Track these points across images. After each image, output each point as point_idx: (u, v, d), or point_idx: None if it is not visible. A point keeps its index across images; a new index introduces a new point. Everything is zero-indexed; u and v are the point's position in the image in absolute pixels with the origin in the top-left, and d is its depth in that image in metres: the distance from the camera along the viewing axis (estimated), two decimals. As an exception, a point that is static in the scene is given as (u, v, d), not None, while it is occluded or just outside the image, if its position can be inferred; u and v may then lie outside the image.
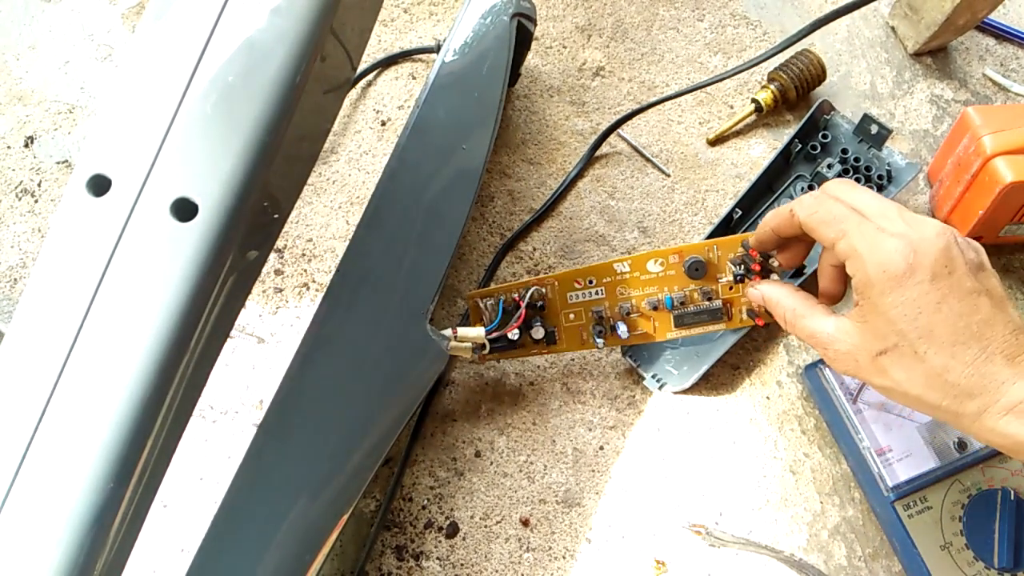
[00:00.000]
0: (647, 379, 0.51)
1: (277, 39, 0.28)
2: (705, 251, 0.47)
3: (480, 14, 0.48)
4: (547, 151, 0.58)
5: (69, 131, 0.58)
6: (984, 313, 0.36)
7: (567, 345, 0.49)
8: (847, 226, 0.39)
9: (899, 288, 0.37)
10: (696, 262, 0.47)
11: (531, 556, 0.48)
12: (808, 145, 0.54)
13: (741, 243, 0.46)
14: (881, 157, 0.52)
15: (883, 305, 0.37)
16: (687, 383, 0.50)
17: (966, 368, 0.36)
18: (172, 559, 0.47)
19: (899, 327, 0.37)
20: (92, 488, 0.26)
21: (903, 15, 0.60)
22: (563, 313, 0.48)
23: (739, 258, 0.47)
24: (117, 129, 0.28)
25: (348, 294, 0.43)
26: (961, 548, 0.45)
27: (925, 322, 0.36)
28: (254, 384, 0.51)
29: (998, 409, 0.35)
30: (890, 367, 0.37)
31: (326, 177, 0.57)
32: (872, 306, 0.38)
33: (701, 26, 0.62)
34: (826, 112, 0.54)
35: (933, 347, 0.36)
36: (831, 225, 0.40)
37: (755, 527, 0.48)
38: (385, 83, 0.60)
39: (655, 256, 0.48)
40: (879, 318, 0.37)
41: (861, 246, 0.38)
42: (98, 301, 0.27)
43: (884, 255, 0.37)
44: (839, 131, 0.54)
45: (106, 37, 0.61)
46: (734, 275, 0.47)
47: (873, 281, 0.37)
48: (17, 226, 0.55)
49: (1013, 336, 0.36)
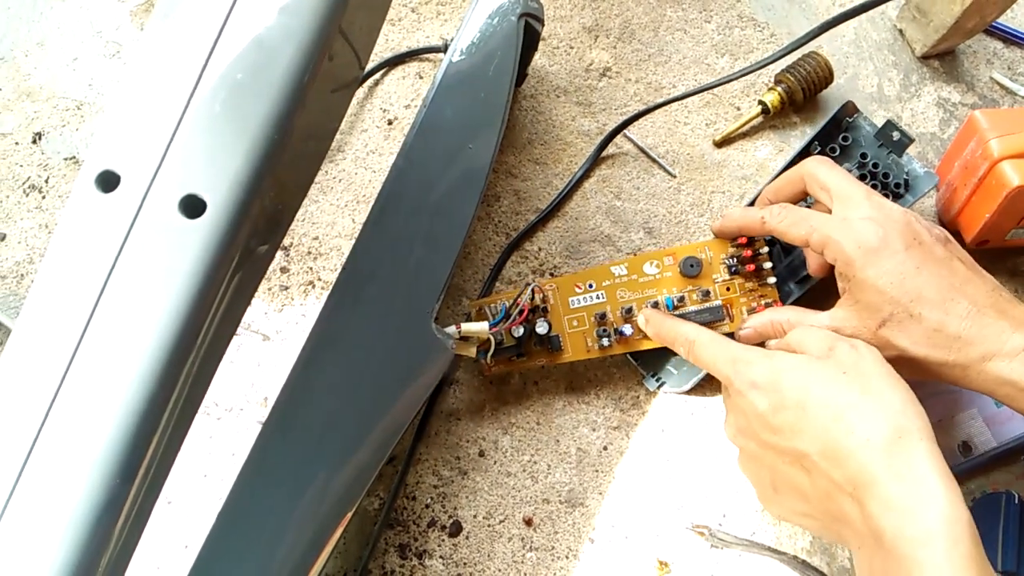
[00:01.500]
0: (647, 378, 0.51)
1: (286, 38, 0.28)
2: (697, 252, 0.49)
3: (488, 14, 0.48)
4: (553, 151, 0.58)
5: (77, 128, 0.58)
6: (961, 275, 0.39)
7: (572, 353, 0.49)
8: (814, 222, 0.42)
9: (878, 259, 0.39)
10: (690, 259, 0.48)
11: (534, 556, 0.48)
12: (828, 147, 0.53)
13: (731, 244, 0.49)
14: (900, 164, 0.52)
15: (868, 279, 0.39)
16: (687, 384, 0.50)
17: (962, 321, 0.38)
18: (176, 556, 0.47)
19: (889, 295, 0.39)
20: (97, 484, 0.26)
21: (911, 18, 0.60)
22: (566, 319, 0.49)
23: (731, 256, 0.48)
24: (126, 126, 0.28)
25: (354, 292, 0.44)
26: None
27: (911, 285, 0.39)
28: (259, 381, 0.51)
29: (1003, 356, 0.37)
30: (892, 336, 0.39)
31: (333, 175, 0.57)
32: (858, 284, 0.40)
33: (708, 27, 0.62)
34: (850, 114, 0.53)
35: (926, 307, 0.38)
36: (799, 225, 0.43)
37: (758, 529, 0.48)
38: (392, 82, 0.60)
39: (651, 258, 0.49)
40: (868, 293, 0.39)
41: (834, 232, 0.41)
42: (105, 297, 0.27)
43: (856, 234, 0.40)
44: (860, 134, 0.53)
45: (114, 34, 0.61)
46: (729, 268, 0.48)
47: (852, 258, 0.40)
48: (24, 222, 0.55)
49: (995, 293, 0.39)
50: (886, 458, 0.33)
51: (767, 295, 0.48)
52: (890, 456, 0.33)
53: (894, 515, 0.32)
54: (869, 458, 0.33)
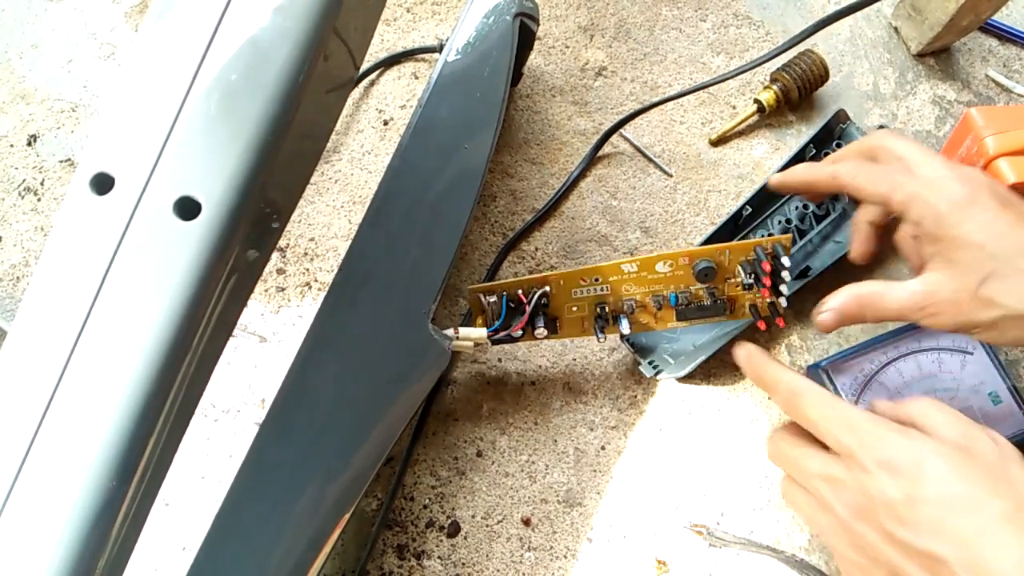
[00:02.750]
0: (643, 364, 0.51)
1: (280, 38, 0.28)
2: (716, 254, 0.46)
3: (483, 14, 0.48)
4: (549, 151, 0.58)
5: (72, 130, 0.58)
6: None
7: (567, 332, 0.48)
8: (900, 177, 0.39)
9: (972, 214, 0.37)
10: (706, 267, 0.46)
11: (532, 555, 0.48)
12: (822, 152, 0.54)
13: (753, 248, 0.46)
14: None
15: (964, 234, 0.37)
16: (682, 372, 0.50)
17: None
18: (174, 558, 0.47)
19: (990, 250, 0.36)
20: (94, 486, 0.26)
21: (906, 16, 0.60)
22: (566, 307, 0.48)
23: (750, 263, 0.46)
24: (121, 128, 0.28)
25: (350, 293, 0.43)
26: None
27: (1012, 240, 0.36)
28: (256, 383, 0.51)
29: None
30: (996, 294, 0.36)
31: (328, 176, 0.57)
32: (952, 241, 0.37)
33: (704, 26, 0.62)
34: (842, 121, 0.54)
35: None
36: (879, 182, 0.40)
37: (756, 527, 0.48)
38: (388, 82, 0.60)
39: (664, 258, 0.46)
40: (966, 251, 0.37)
41: (921, 190, 0.38)
42: (101, 299, 0.27)
43: (946, 190, 0.38)
44: (852, 140, 0.54)
45: (109, 36, 0.61)
46: (743, 283, 0.46)
47: (945, 215, 0.37)
48: (20, 224, 0.55)
49: None
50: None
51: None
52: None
53: None
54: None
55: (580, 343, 0.52)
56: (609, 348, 0.52)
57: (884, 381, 0.47)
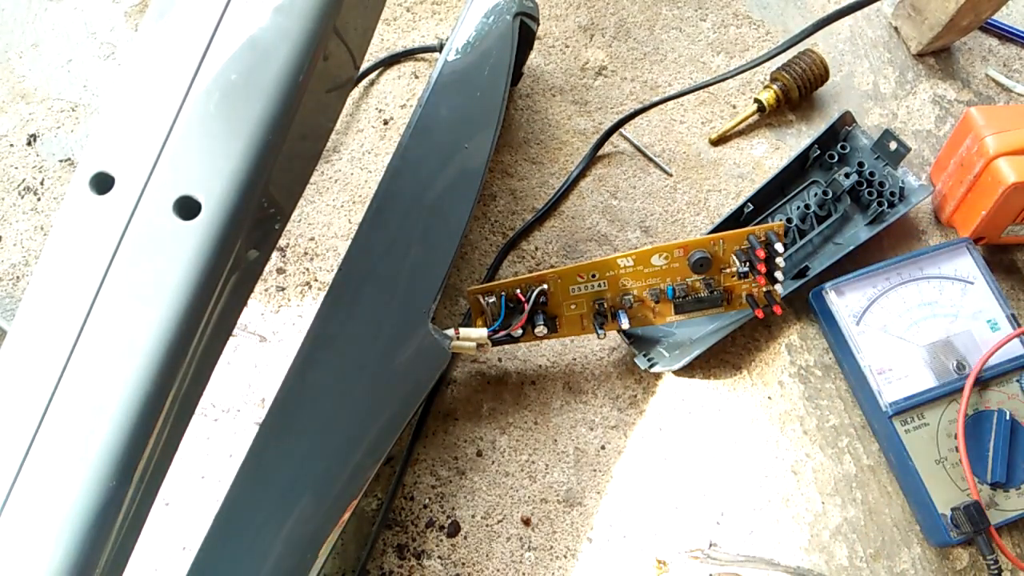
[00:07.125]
0: (638, 357, 0.51)
1: (280, 38, 0.28)
2: (711, 245, 0.47)
3: (483, 13, 0.48)
4: (549, 150, 0.58)
5: (72, 129, 0.58)
6: None
7: (567, 330, 0.48)
8: None
9: None
10: (701, 258, 0.47)
11: (532, 555, 0.48)
12: (827, 154, 0.54)
13: (747, 236, 0.46)
14: (895, 175, 0.52)
15: None
16: (677, 364, 0.50)
17: None
18: (174, 557, 0.47)
19: None
20: (94, 486, 0.26)
21: (906, 15, 0.60)
22: (565, 304, 0.48)
23: (744, 251, 0.47)
24: (121, 127, 0.28)
25: (350, 293, 0.43)
26: (956, 463, 0.46)
27: None
28: (256, 383, 0.51)
29: None
30: None
31: (328, 176, 0.57)
32: None
33: (704, 26, 0.62)
34: (847, 124, 0.54)
35: None
36: None
37: (756, 527, 0.48)
38: (388, 82, 0.60)
39: (659, 251, 0.47)
40: None
41: None
42: (101, 299, 0.27)
43: None
44: (857, 143, 0.54)
45: (109, 35, 0.61)
46: (738, 272, 0.47)
47: None
48: (20, 224, 0.55)
49: None
50: None
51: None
52: None
53: None
54: None
55: (580, 343, 0.52)
56: (609, 347, 0.52)
57: (886, 305, 0.49)
